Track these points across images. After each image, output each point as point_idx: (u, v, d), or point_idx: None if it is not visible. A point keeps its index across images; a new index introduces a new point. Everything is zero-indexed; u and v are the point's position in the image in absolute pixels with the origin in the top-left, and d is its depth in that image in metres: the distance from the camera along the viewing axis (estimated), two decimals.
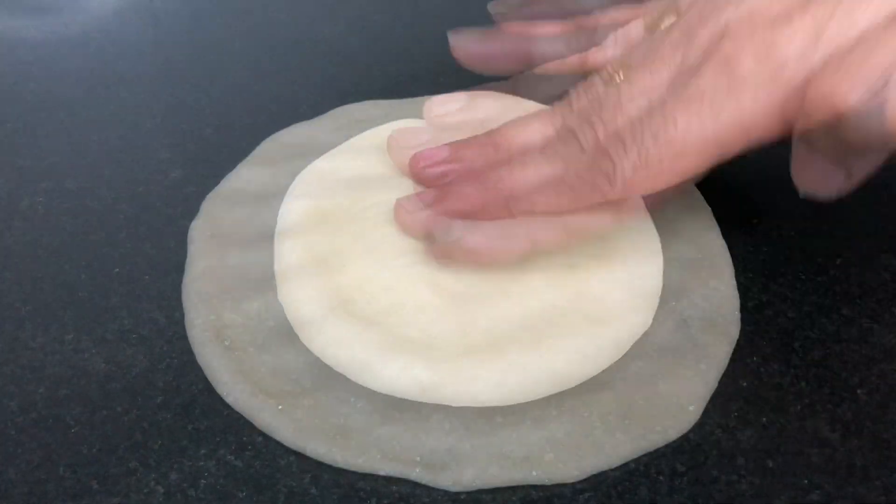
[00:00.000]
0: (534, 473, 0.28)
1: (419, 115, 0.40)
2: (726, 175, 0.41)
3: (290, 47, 0.51)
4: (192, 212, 0.38)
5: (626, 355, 0.32)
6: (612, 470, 0.29)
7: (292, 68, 0.49)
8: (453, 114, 0.38)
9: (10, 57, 0.49)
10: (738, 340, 0.33)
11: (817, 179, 0.30)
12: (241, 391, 0.30)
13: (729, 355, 0.32)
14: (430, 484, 0.28)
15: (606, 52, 0.38)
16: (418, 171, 0.35)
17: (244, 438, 0.29)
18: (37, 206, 0.39)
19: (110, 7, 0.54)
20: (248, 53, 0.50)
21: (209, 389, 0.31)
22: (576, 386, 0.31)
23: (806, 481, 0.28)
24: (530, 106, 0.38)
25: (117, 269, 0.36)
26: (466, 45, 0.41)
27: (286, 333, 0.32)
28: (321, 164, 0.40)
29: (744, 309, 0.34)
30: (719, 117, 0.29)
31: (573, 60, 0.39)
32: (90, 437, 0.29)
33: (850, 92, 0.27)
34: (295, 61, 0.49)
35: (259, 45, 0.51)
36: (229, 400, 0.30)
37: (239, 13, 0.54)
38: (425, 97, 0.44)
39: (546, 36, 0.40)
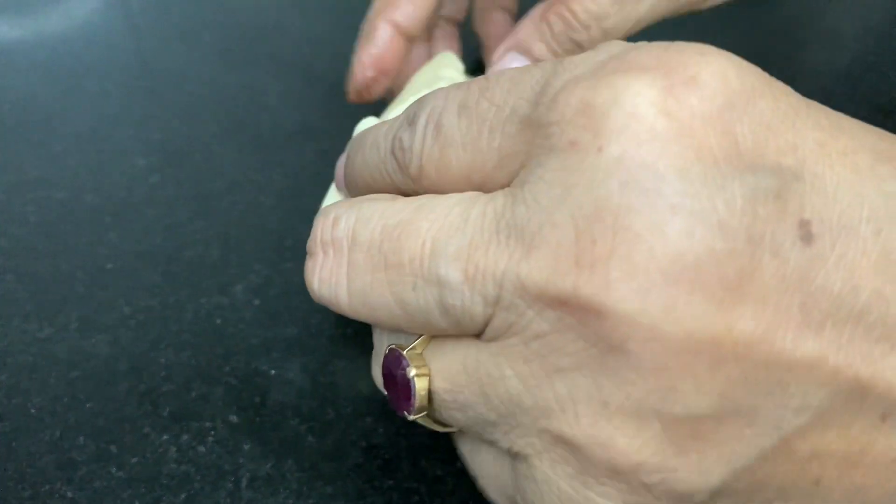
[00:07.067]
0: None
1: None
2: None
3: (266, 39, 0.51)
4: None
5: None
6: None
7: (266, 60, 0.49)
8: None
9: None
10: None
11: None
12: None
13: None
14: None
15: None
16: None
17: (207, 424, 0.29)
18: (11, 203, 0.39)
19: (87, 6, 0.54)
20: (221, 47, 0.50)
21: (170, 377, 0.31)
22: None
23: None
24: None
25: (110, 265, 0.35)
26: None
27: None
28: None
29: None
30: None
31: None
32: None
33: None
34: (269, 53, 0.50)
35: (233, 38, 0.51)
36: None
37: (212, 9, 0.54)
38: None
39: None
